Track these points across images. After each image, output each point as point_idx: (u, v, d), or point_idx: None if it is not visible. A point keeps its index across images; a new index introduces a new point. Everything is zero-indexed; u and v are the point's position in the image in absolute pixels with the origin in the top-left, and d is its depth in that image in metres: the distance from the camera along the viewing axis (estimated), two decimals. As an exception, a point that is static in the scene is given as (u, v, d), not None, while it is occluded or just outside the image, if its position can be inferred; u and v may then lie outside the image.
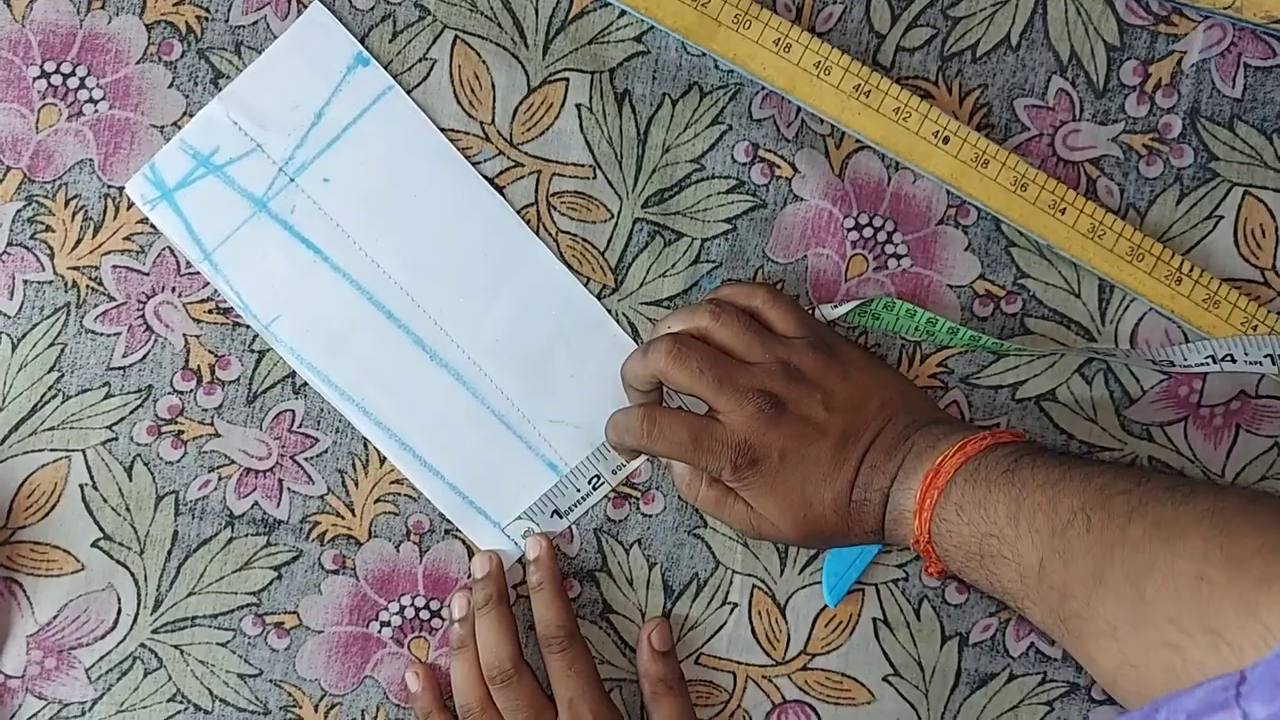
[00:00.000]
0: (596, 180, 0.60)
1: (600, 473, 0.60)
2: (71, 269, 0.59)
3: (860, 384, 0.57)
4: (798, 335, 0.57)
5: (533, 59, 0.59)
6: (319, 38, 0.59)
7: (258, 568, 0.60)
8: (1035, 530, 0.49)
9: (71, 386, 0.59)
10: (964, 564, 0.53)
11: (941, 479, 0.53)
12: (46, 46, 0.58)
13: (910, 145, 0.59)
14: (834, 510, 0.56)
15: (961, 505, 0.52)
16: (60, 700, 0.60)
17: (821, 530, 0.56)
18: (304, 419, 0.60)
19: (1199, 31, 0.60)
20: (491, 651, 0.59)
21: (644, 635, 0.60)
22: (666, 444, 0.56)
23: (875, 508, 0.55)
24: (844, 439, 0.56)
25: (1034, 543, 0.49)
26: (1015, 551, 0.50)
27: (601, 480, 0.60)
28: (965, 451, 0.53)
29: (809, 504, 0.56)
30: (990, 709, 0.62)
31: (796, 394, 0.56)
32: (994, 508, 0.51)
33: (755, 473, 0.55)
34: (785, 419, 0.55)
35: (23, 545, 0.59)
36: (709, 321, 0.57)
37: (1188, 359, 0.59)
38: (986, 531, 0.51)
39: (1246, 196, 0.60)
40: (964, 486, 0.52)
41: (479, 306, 0.60)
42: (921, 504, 0.53)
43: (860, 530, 0.56)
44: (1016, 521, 0.50)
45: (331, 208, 0.59)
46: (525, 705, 0.58)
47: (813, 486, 0.55)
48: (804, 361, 0.56)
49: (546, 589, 0.59)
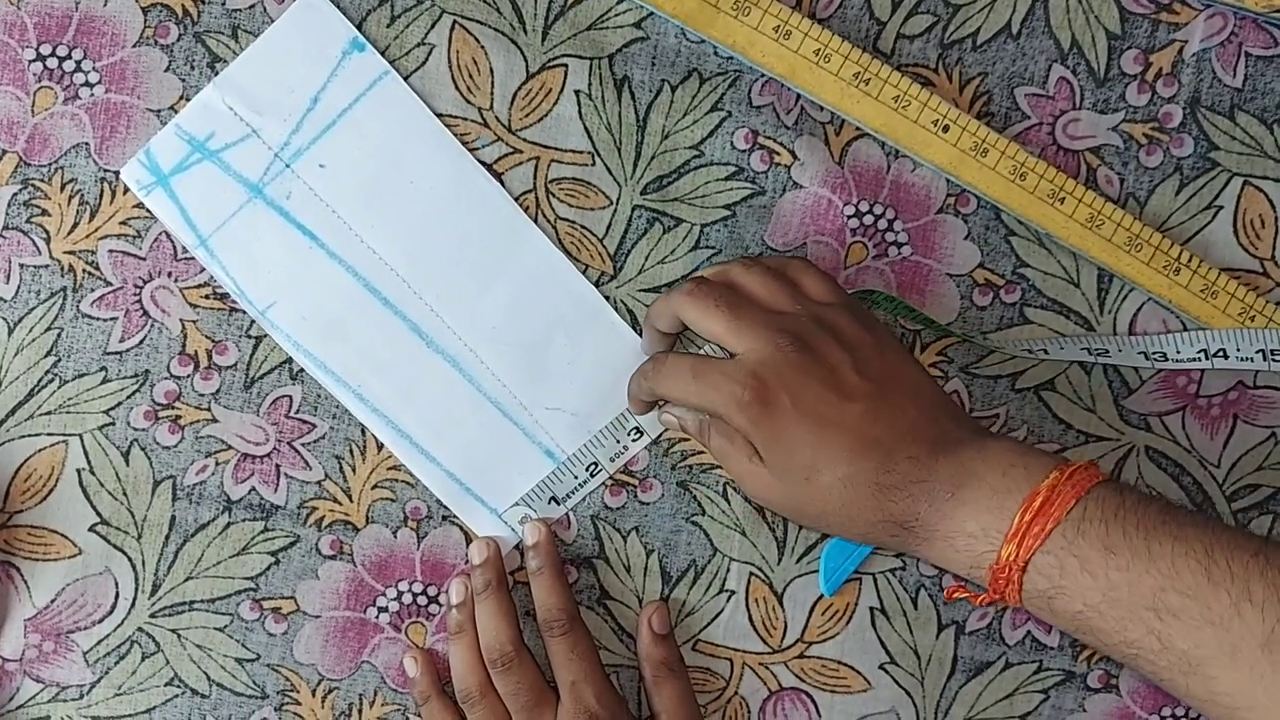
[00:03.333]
0: (595, 167, 0.60)
1: (598, 460, 0.60)
2: (68, 253, 0.59)
3: (895, 363, 0.53)
4: (831, 298, 0.54)
5: (531, 44, 0.59)
6: (314, 22, 0.58)
7: (255, 553, 0.60)
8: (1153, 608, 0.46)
9: (68, 371, 0.59)
10: (1050, 612, 0.49)
11: (1049, 518, 0.48)
12: (42, 29, 0.58)
13: (910, 133, 0.58)
14: (846, 486, 0.51)
15: (1061, 559, 0.47)
16: (58, 683, 0.60)
17: (819, 504, 0.52)
18: (301, 404, 0.60)
19: (1200, 20, 0.60)
20: (492, 636, 0.59)
21: (643, 619, 0.60)
22: (668, 381, 0.53)
23: (909, 501, 0.50)
24: (873, 411, 0.51)
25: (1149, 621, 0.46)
26: (1121, 624, 0.47)
27: (599, 468, 0.60)
28: (1073, 490, 0.48)
29: (816, 469, 0.51)
30: (986, 696, 0.62)
31: (826, 344, 0.51)
32: (1102, 573, 0.47)
33: (764, 414, 0.51)
34: (808, 364, 0.50)
35: (20, 529, 0.59)
36: (738, 269, 0.54)
37: (1180, 352, 0.59)
38: (1087, 602, 0.47)
39: (1246, 186, 0.60)
40: (1063, 535, 0.48)
41: (476, 293, 0.60)
42: (1020, 539, 0.48)
43: (866, 518, 0.51)
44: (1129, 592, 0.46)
45: (327, 194, 0.59)
46: (526, 689, 0.58)
47: (826, 452, 0.50)
48: (838, 321, 0.52)
49: (546, 573, 0.59)
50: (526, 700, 0.58)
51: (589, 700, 0.58)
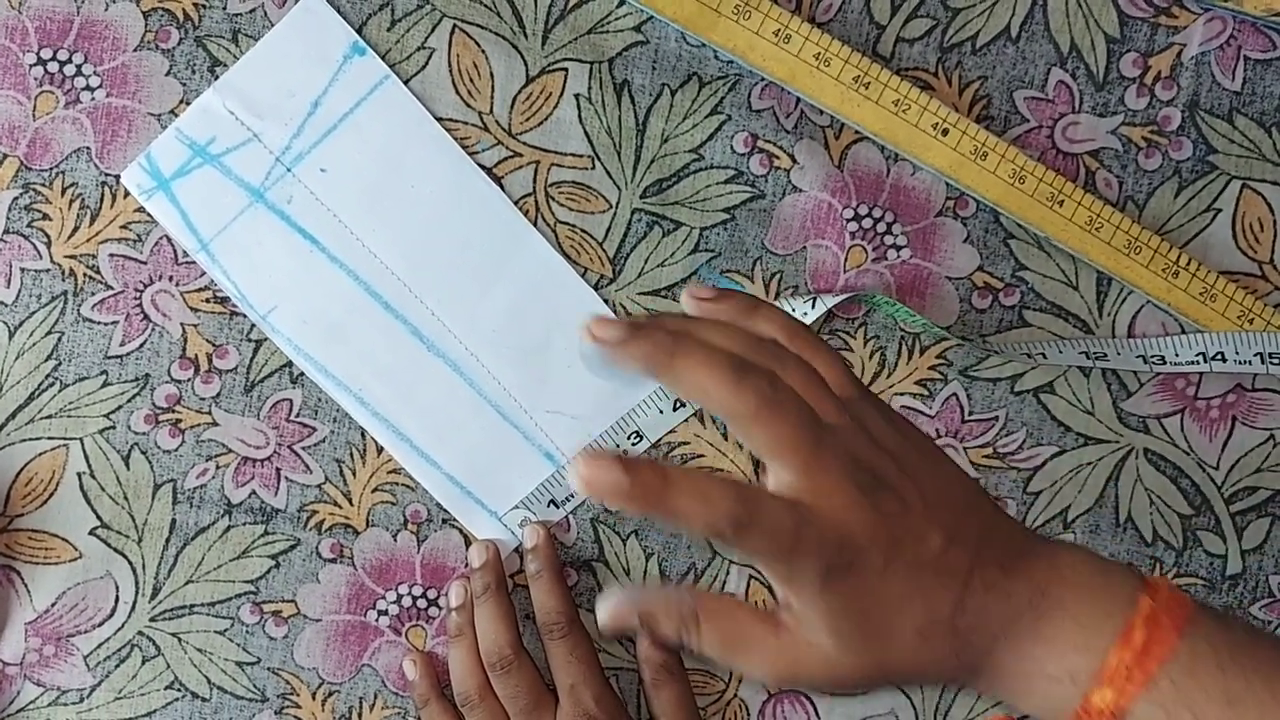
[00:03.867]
0: (595, 170, 0.60)
1: None
2: (69, 257, 0.59)
3: (943, 472, 0.42)
4: (856, 394, 0.42)
5: (531, 48, 0.59)
6: (315, 26, 0.59)
7: (255, 556, 0.60)
8: None
9: (69, 375, 0.59)
10: None
11: (1152, 660, 0.39)
12: (43, 33, 0.58)
13: (909, 137, 0.58)
14: (919, 635, 0.39)
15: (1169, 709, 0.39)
16: (58, 687, 0.60)
17: (893, 661, 0.40)
18: (301, 408, 0.60)
19: (1199, 24, 0.60)
20: (491, 639, 0.59)
21: None
22: (763, 538, 0.37)
23: (984, 642, 0.40)
24: (949, 543, 0.39)
25: None
26: None
27: None
28: (1173, 623, 0.39)
29: (893, 632, 0.39)
30: (983, 700, 0.62)
31: (892, 473, 0.39)
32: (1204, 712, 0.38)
33: (848, 581, 0.38)
34: (885, 507, 0.39)
35: (21, 533, 0.59)
36: (766, 356, 0.40)
37: (1179, 354, 0.59)
38: None
39: (1245, 190, 0.60)
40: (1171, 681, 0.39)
41: (476, 297, 0.60)
42: (1118, 684, 0.39)
43: (939, 665, 0.40)
44: None
45: (328, 198, 0.59)
46: (525, 692, 0.58)
47: (907, 606, 0.39)
48: (879, 430, 0.40)
49: (546, 576, 0.60)
50: (525, 703, 0.58)
51: (588, 703, 0.58)
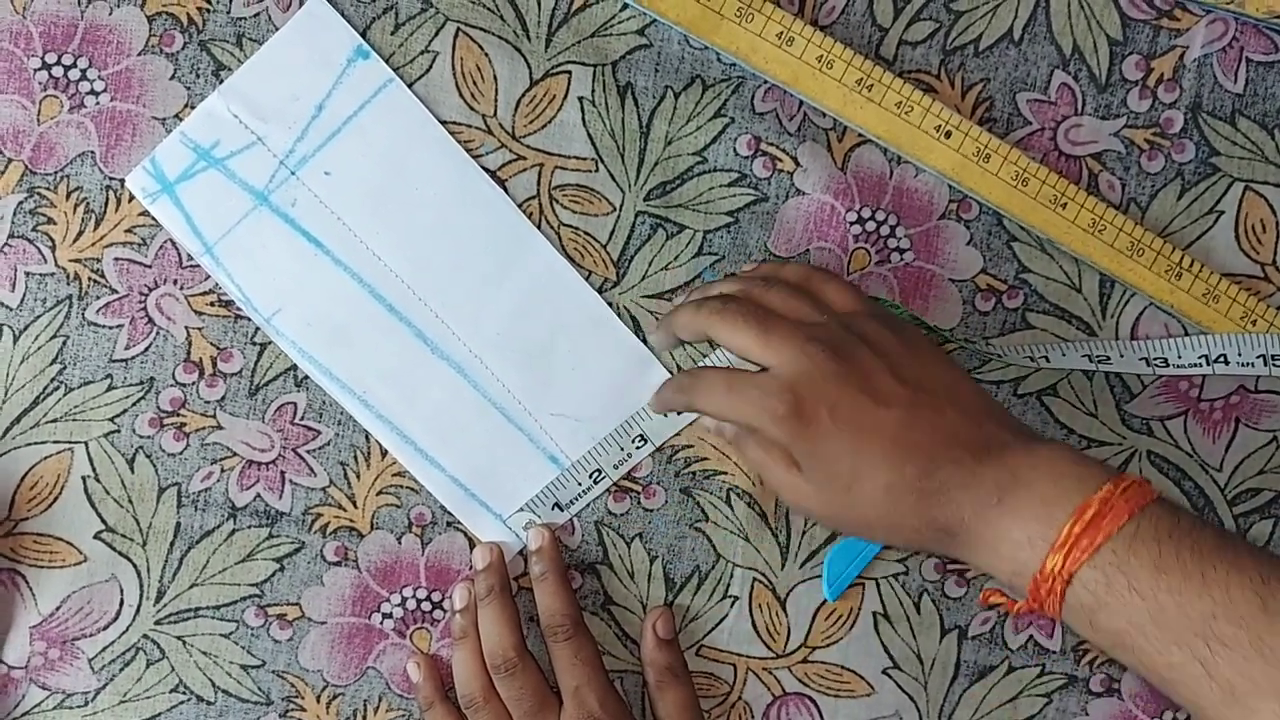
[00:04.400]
0: (598, 173, 0.60)
1: (601, 467, 0.60)
2: (73, 261, 0.59)
3: (931, 366, 0.51)
4: (858, 307, 0.53)
5: (535, 52, 0.59)
6: (319, 30, 0.59)
7: (260, 559, 0.60)
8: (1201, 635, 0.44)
9: (74, 379, 0.59)
10: (1090, 627, 0.47)
11: (1099, 532, 0.46)
12: (48, 38, 0.58)
13: (912, 139, 0.59)
14: (888, 495, 0.49)
15: (1108, 575, 0.46)
16: (63, 690, 0.60)
17: (861, 513, 0.50)
18: (306, 411, 0.60)
19: (1201, 26, 0.60)
20: (495, 641, 0.59)
21: (648, 624, 0.60)
22: (703, 396, 0.53)
23: (953, 508, 0.49)
24: (911, 417, 0.49)
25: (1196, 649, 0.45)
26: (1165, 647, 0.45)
27: (603, 474, 0.60)
28: (1126, 505, 0.46)
29: (857, 478, 0.50)
30: (989, 700, 0.62)
31: (859, 352, 0.50)
32: (1150, 594, 0.45)
33: (801, 427, 0.50)
34: (843, 373, 0.50)
35: (25, 537, 0.59)
36: (759, 288, 0.54)
37: (1181, 357, 0.59)
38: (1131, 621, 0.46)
39: (1247, 192, 0.60)
40: (1113, 551, 0.46)
41: (480, 300, 0.60)
42: (1067, 550, 0.46)
43: (909, 526, 0.50)
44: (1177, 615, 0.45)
45: (333, 201, 0.59)
46: (530, 694, 0.58)
47: (867, 460, 0.49)
48: (868, 330, 0.52)
49: (550, 578, 0.60)
50: (530, 706, 0.58)
51: (592, 705, 0.58)
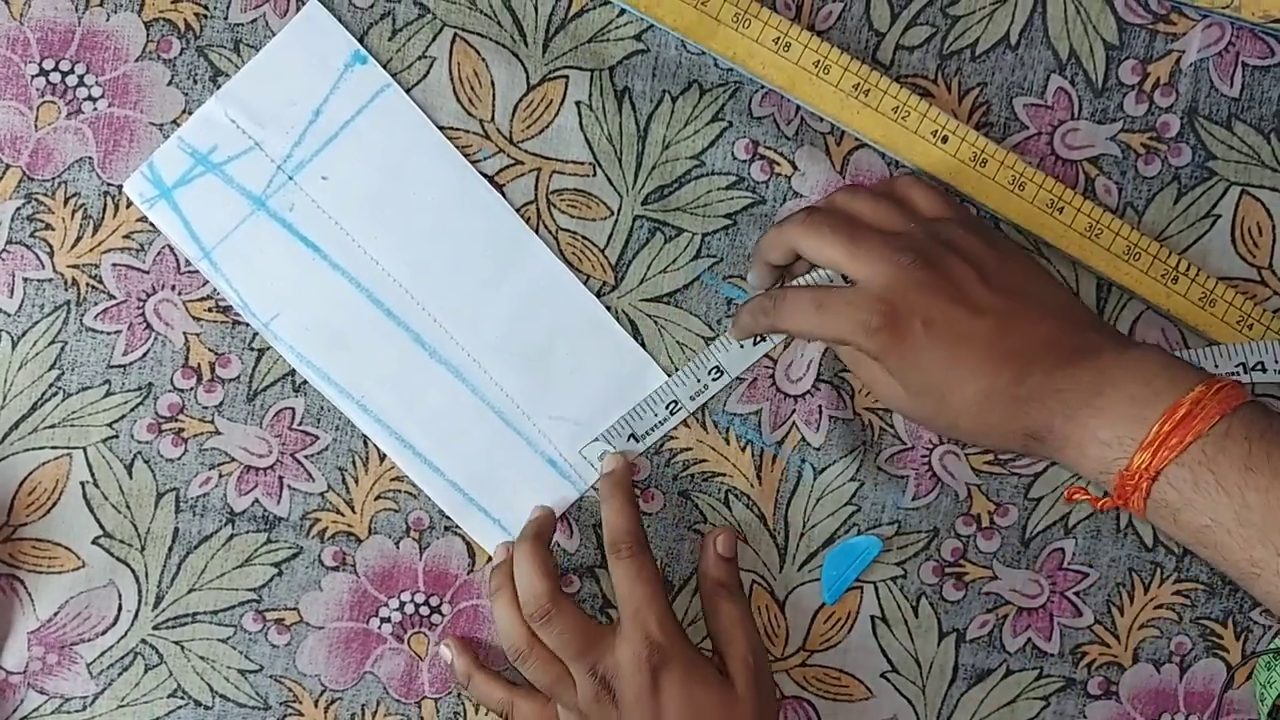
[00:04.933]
0: (596, 178, 0.60)
1: (679, 398, 0.60)
2: (71, 267, 0.59)
3: (1021, 271, 0.52)
4: (947, 213, 0.53)
5: (532, 56, 0.59)
6: (316, 35, 0.59)
7: (258, 564, 0.60)
8: None
9: (72, 384, 0.59)
10: (1174, 524, 0.48)
11: (1189, 431, 0.46)
12: (45, 44, 0.58)
13: (909, 144, 0.59)
14: (980, 401, 0.50)
15: (1196, 473, 0.47)
16: (62, 695, 0.60)
17: (956, 419, 0.51)
18: (304, 416, 0.60)
19: (1197, 30, 0.60)
20: (527, 590, 0.57)
21: (709, 540, 0.60)
22: (791, 315, 0.52)
23: (1044, 412, 0.49)
24: (1004, 325, 0.50)
25: None
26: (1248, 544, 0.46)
27: (679, 406, 0.60)
28: (1218, 405, 0.47)
29: (951, 387, 0.50)
30: (987, 704, 0.62)
31: (948, 260, 0.50)
32: (1237, 492, 0.46)
33: (895, 339, 0.50)
34: (934, 283, 0.50)
35: (24, 542, 0.59)
36: (844, 196, 0.54)
37: (1218, 365, 0.58)
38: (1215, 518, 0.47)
39: (1244, 195, 0.61)
40: (1202, 450, 0.47)
41: (478, 304, 0.60)
42: (1155, 448, 0.47)
43: (1001, 429, 0.50)
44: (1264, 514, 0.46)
45: (330, 206, 0.59)
46: (573, 637, 0.56)
47: (961, 370, 0.50)
48: (956, 236, 0.51)
49: (618, 498, 0.58)
50: (577, 647, 0.56)
51: (651, 627, 0.56)
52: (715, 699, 0.55)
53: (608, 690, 0.56)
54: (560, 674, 0.57)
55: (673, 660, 0.56)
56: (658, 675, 0.55)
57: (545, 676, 0.57)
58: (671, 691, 0.55)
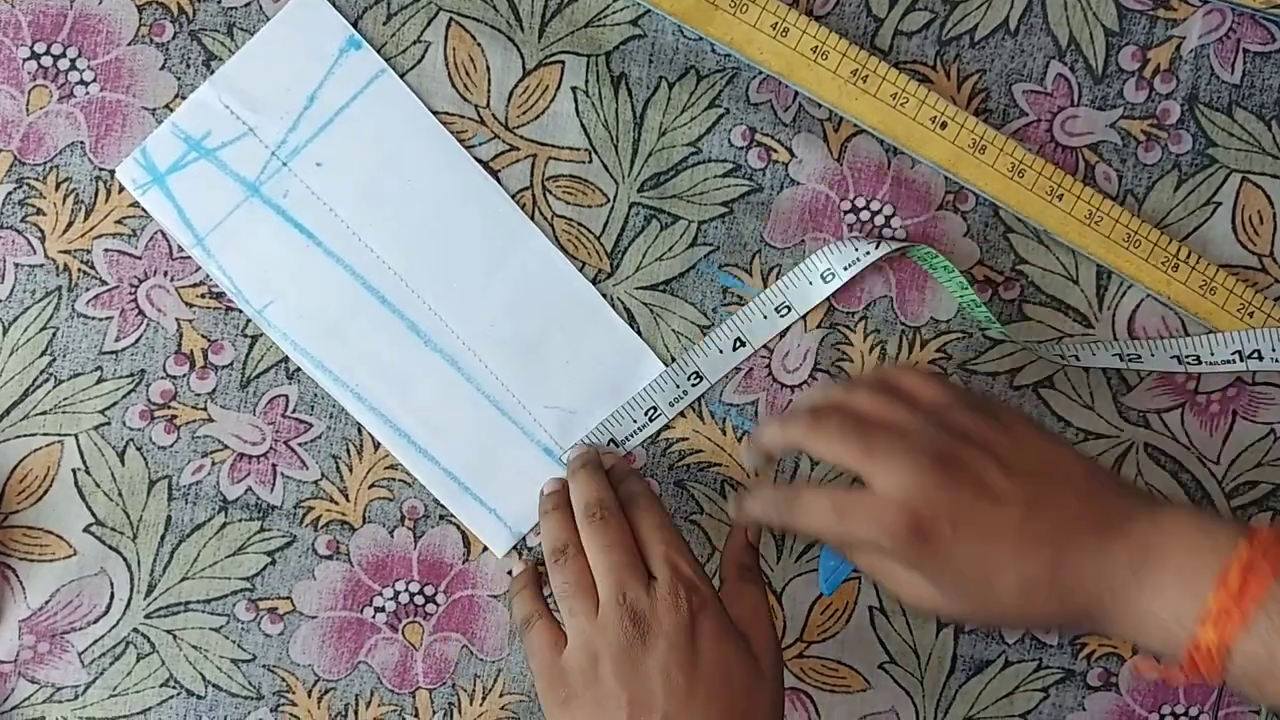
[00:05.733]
0: (592, 164, 0.60)
1: (657, 404, 0.60)
2: (63, 252, 0.58)
3: (1035, 449, 0.50)
4: (948, 400, 0.51)
5: (528, 42, 0.59)
6: (311, 20, 0.58)
7: (251, 553, 0.60)
8: None
9: (63, 371, 0.59)
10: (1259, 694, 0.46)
11: (1248, 600, 0.44)
12: (37, 27, 0.58)
13: (908, 130, 0.58)
14: (1021, 592, 0.48)
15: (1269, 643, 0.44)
16: (53, 684, 0.60)
17: (999, 612, 0.49)
18: (298, 404, 0.59)
19: (1198, 16, 0.60)
20: (591, 492, 0.56)
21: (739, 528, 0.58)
22: (808, 517, 0.50)
23: (1089, 595, 0.47)
24: (1030, 510, 0.48)
25: None
26: None
27: (658, 412, 0.60)
28: (1269, 564, 0.45)
29: (990, 584, 0.48)
30: (985, 695, 0.62)
31: (964, 453, 0.48)
32: None
33: (924, 546, 0.48)
34: (955, 480, 0.48)
35: (15, 530, 0.59)
36: (840, 393, 0.52)
37: (1214, 354, 0.58)
38: None
39: (1245, 183, 0.60)
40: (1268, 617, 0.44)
41: (474, 291, 0.60)
42: (1219, 622, 0.45)
43: (1047, 615, 0.49)
44: None
45: (325, 192, 0.59)
46: (621, 543, 0.55)
47: (997, 565, 0.48)
48: (965, 423, 0.50)
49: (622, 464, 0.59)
50: (619, 556, 0.54)
51: (683, 567, 0.54)
52: (745, 668, 0.53)
53: (635, 622, 0.53)
54: (588, 587, 0.54)
55: (710, 608, 0.54)
56: (696, 619, 0.53)
57: (573, 582, 0.54)
58: (708, 646, 0.53)
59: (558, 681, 0.53)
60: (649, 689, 0.51)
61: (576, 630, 0.54)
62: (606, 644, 0.52)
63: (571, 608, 0.54)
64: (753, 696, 0.53)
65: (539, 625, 0.56)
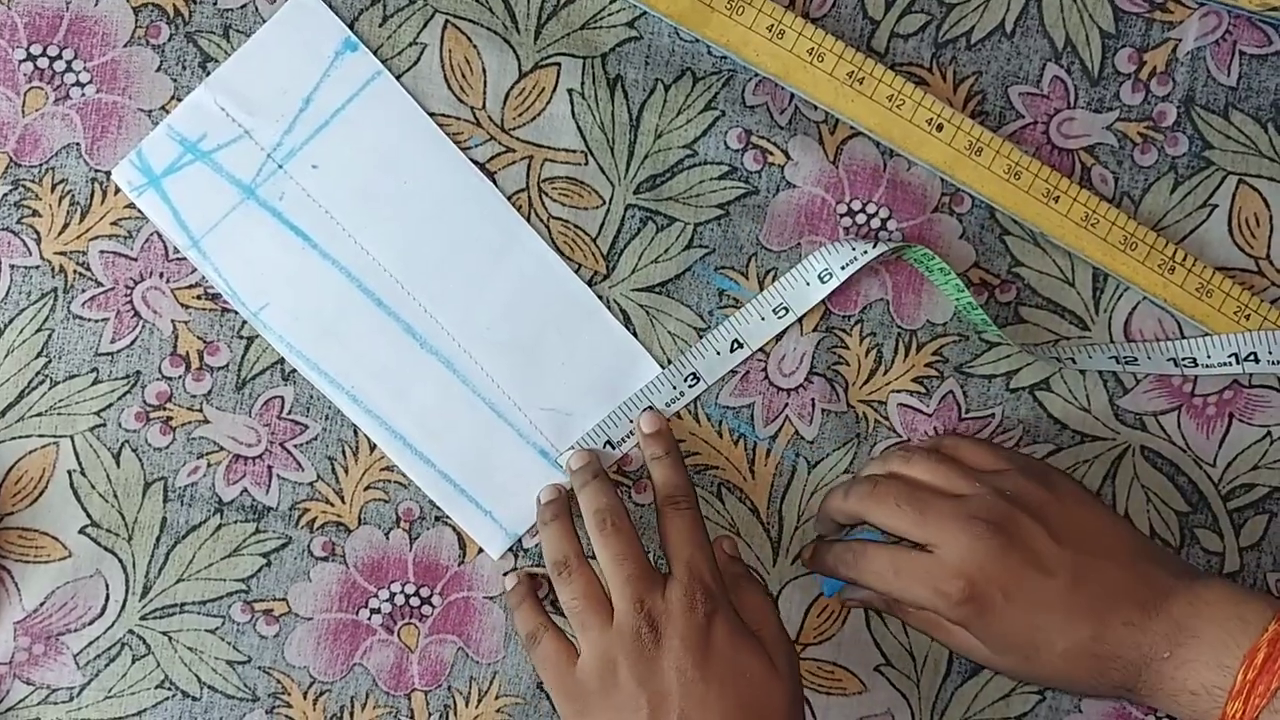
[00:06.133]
0: (588, 166, 0.60)
1: (654, 404, 0.60)
2: (58, 254, 0.58)
3: (1084, 518, 0.54)
4: (1002, 466, 0.55)
5: (524, 44, 0.59)
6: (307, 22, 0.58)
7: (247, 554, 0.60)
8: None
9: (59, 372, 0.59)
10: None
11: (1274, 676, 0.48)
12: (33, 29, 0.58)
13: (904, 133, 0.58)
14: (1065, 660, 0.52)
15: None
16: (48, 686, 0.59)
17: (1044, 676, 0.53)
18: (293, 406, 0.59)
19: (1194, 19, 0.59)
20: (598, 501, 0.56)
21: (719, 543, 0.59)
22: (869, 574, 0.54)
23: (1128, 667, 0.51)
24: (1077, 581, 0.52)
25: None
26: None
27: None
28: None
29: (1036, 650, 0.52)
30: (981, 698, 0.62)
31: (1017, 523, 0.52)
32: None
33: (977, 611, 0.52)
34: (1006, 548, 0.52)
35: (10, 531, 0.59)
36: (898, 461, 0.56)
37: (1211, 356, 0.58)
38: None
39: (1241, 185, 0.60)
40: None
41: (470, 294, 0.60)
42: (1245, 698, 0.48)
43: (1094, 684, 0.52)
44: None
45: (320, 194, 0.59)
46: (632, 554, 0.55)
47: (1043, 633, 0.52)
48: (1019, 489, 0.53)
49: (671, 456, 0.58)
50: (633, 569, 0.54)
51: (705, 575, 0.55)
52: (759, 667, 0.54)
53: (651, 628, 0.53)
54: (599, 598, 0.55)
55: (724, 612, 0.54)
56: (711, 621, 0.54)
57: (582, 596, 0.55)
58: (722, 645, 0.53)
59: (574, 693, 0.54)
60: (665, 688, 0.52)
61: (591, 642, 0.54)
62: (624, 651, 0.53)
63: (584, 621, 0.55)
64: (768, 692, 0.53)
65: (547, 639, 0.56)
